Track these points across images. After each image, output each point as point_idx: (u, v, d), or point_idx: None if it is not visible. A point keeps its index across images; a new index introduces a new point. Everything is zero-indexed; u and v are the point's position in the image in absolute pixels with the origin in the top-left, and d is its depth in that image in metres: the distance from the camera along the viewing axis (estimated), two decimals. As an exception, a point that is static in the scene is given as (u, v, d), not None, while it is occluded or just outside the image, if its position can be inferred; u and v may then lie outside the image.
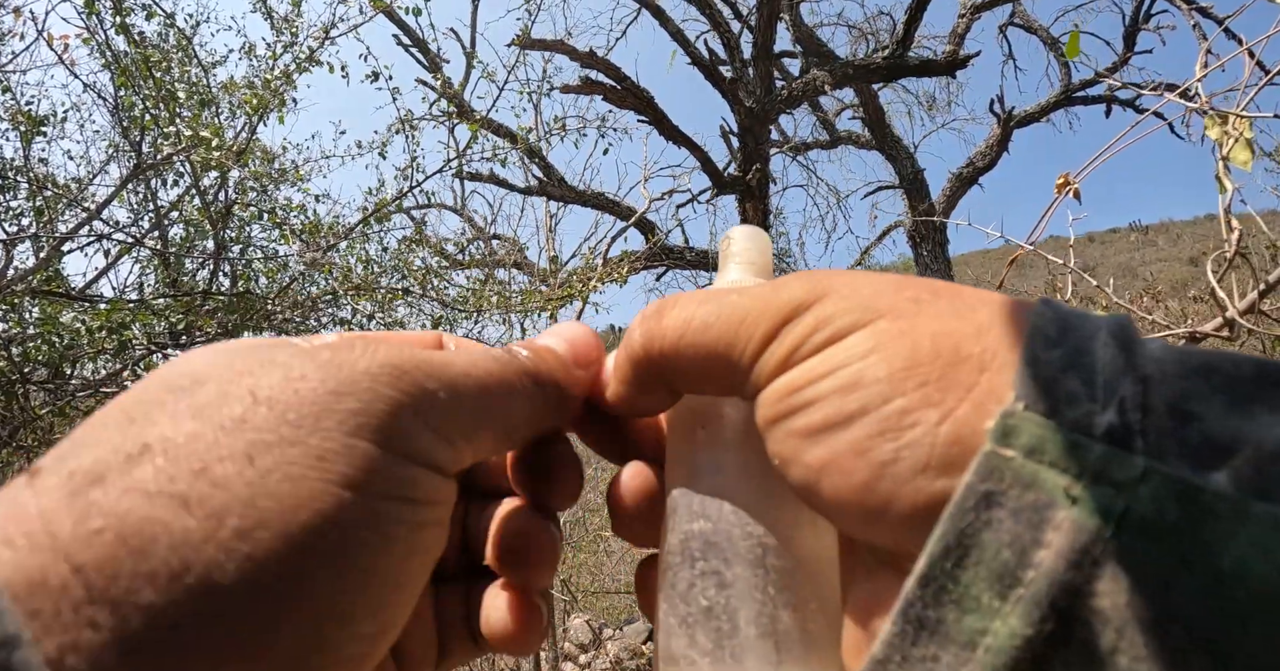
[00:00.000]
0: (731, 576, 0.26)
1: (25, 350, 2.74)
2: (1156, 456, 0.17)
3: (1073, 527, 0.17)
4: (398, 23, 4.99)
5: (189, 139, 2.73)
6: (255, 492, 0.19)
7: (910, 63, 4.29)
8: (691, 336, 0.26)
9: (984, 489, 0.19)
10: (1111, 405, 0.18)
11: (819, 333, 0.23)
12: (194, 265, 3.63)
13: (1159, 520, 0.17)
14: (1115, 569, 0.17)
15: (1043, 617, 0.17)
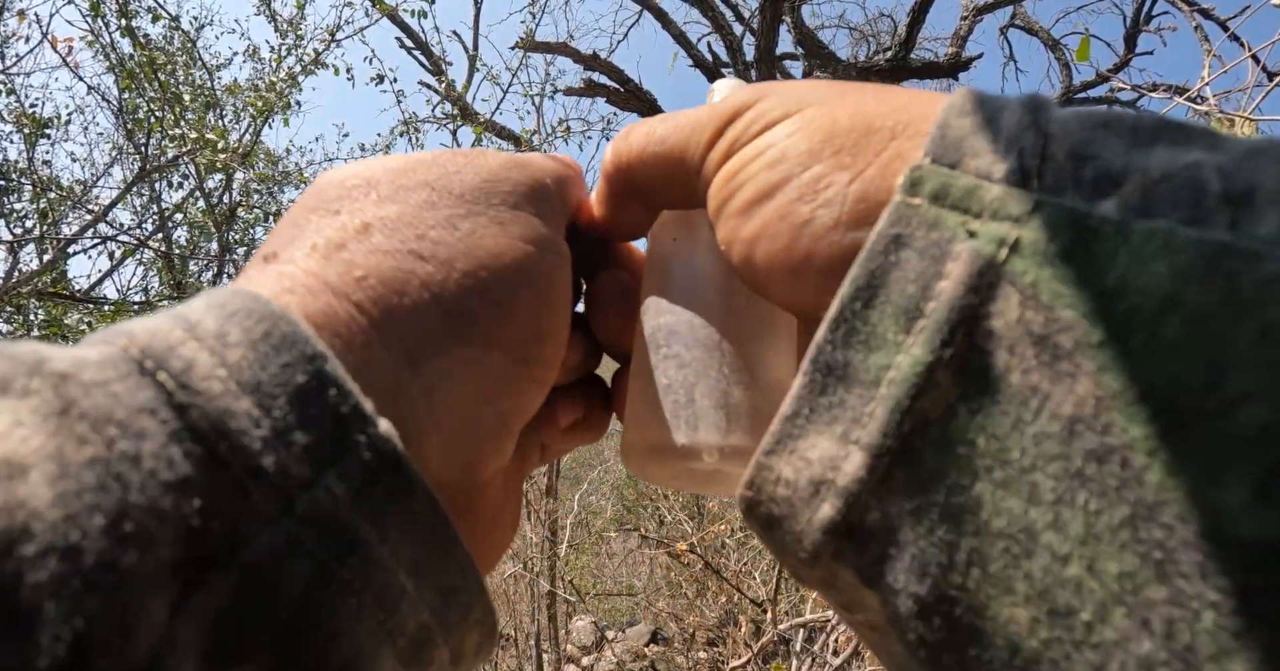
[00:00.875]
0: (690, 358, 0.29)
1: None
2: (1052, 193, 0.18)
3: (970, 257, 0.18)
4: (401, 26, 4.99)
5: (194, 141, 2.73)
6: (469, 246, 0.25)
7: (913, 64, 4.30)
8: (654, 145, 0.29)
9: (893, 233, 0.20)
10: (1012, 154, 0.19)
11: (755, 124, 0.25)
12: (198, 267, 3.64)
13: (1049, 245, 0.18)
14: (1008, 290, 0.18)
15: (943, 343, 0.18)
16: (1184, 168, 0.17)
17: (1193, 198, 0.17)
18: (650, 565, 5.72)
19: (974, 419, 0.18)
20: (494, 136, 3.69)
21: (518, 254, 0.26)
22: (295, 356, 0.19)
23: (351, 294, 0.22)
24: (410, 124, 3.37)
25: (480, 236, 0.26)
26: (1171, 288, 0.16)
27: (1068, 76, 8.55)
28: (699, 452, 0.27)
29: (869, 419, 0.19)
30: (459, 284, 0.24)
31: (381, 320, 0.22)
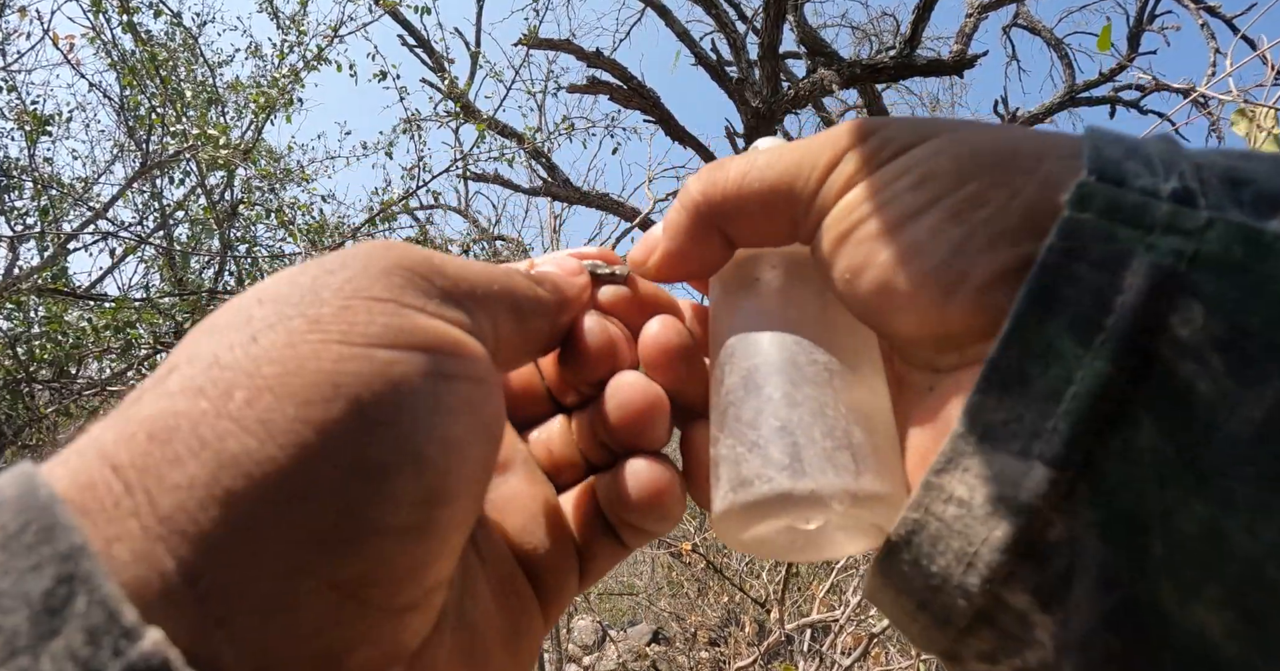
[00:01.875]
0: (801, 396, 0.26)
1: (31, 349, 2.73)
2: (1218, 210, 0.19)
3: (1149, 270, 0.19)
4: (402, 23, 4.98)
5: (195, 137, 2.72)
6: (258, 363, 0.19)
7: (918, 62, 4.29)
8: (756, 174, 0.27)
9: (1065, 246, 0.20)
10: (1173, 176, 0.20)
11: (885, 149, 0.24)
12: (199, 264, 3.62)
13: (1226, 257, 0.18)
14: (1190, 300, 0.18)
15: (1126, 354, 0.18)
16: None
17: None
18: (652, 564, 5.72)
19: (1161, 427, 0.18)
20: (498, 135, 3.68)
21: (321, 364, 0.20)
22: (47, 555, 0.16)
23: (114, 456, 0.18)
24: (413, 121, 3.35)
25: (280, 347, 0.20)
26: None
27: (1070, 76, 8.53)
28: (828, 501, 0.24)
29: (1051, 433, 0.19)
30: (233, 419, 0.18)
31: (136, 482, 0.18)
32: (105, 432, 0.19)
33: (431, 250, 0.25)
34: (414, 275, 0.23)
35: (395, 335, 0.21)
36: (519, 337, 0.27)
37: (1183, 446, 0.18)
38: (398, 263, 0.23)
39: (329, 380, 0.19)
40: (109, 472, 0.18)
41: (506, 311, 0.26)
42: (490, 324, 0.25)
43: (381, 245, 0.24)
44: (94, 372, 3.33)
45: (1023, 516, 0.19)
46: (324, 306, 0.21)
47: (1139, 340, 0.18)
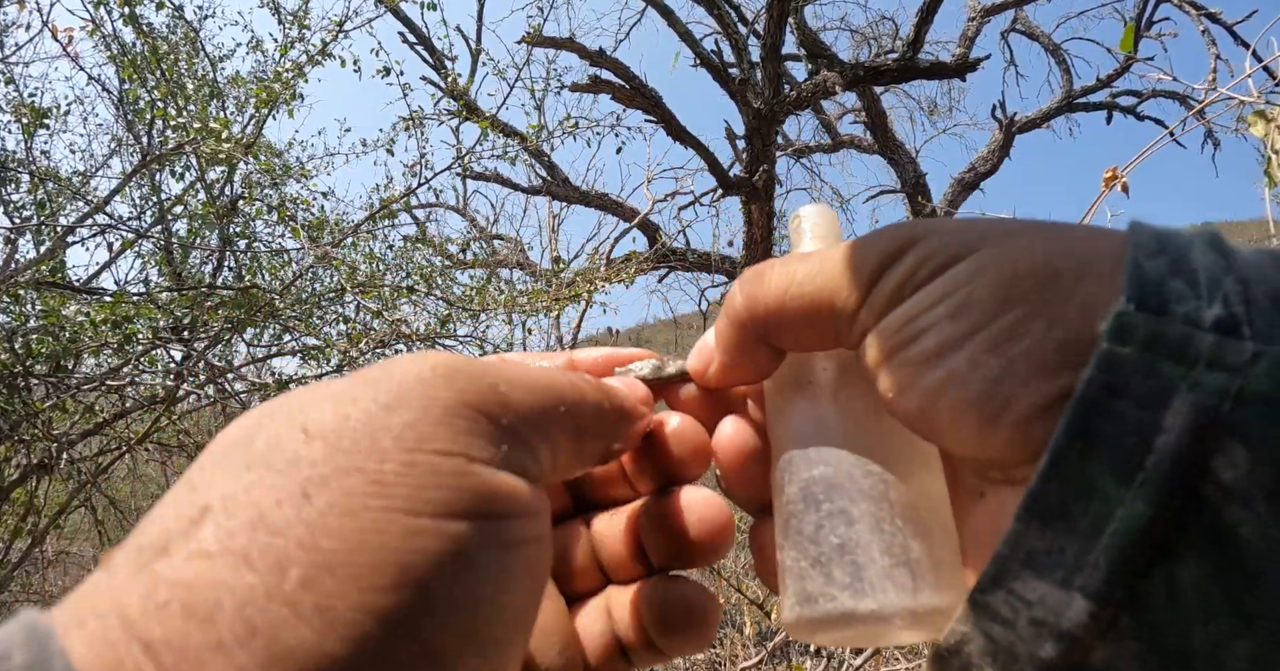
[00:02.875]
0: (858, 512, 0.27)
1: (28, 343, 2.70)
2: (1264, 341, 0.18)
3: (1192, 409, 0.18)
4: (403, 20, 4.97)
5: (197, 131, 2.70)
6: (315, 534, 0.18)
7: (920, 65, 4.29)
8: (796, 289, 0.27)
9: (1105, 380, 0.19)
10: (1216, 301, 0.19)
11: (923, 268, 0.24)
12: (198, 260, 3.60)
13: (1273, 396, 0.18)
14: (1235, 443, 0.18)
15: (1168, 496, 0.18)
16: None
17: None
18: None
19: (1205, 568, 0.18)
20: (500, 134, 3.66)
21: (388, 541, 0.18)
22: None
23: (146, 632, 0.16)
24: (415, 119, 3.33)
25: (337, 515, 0.18)
26: None
27: (1068, 81, 8.57)
28: (890, 618, 0.25)
29: (1091, 568, 0.19)
30: (288, 604, 0.17)
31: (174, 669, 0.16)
32: (127, 590, 0.17)
33: (493, 366, 0.23)
34: (478, 416, 0.21)
35: (465, 502, 0.19)
36: (575, 458, 0.27)
37: (1228, 588, 0.18)
38: (461, 400, 0.21)
39: (396, 561, 0.18)
40: (138, 652, 0.16)
41: (568, 435, 0.25)
42: (550, 454, 0.24)
43: (443, 374, 0.21)
44: (89, 368, 3.30)
45: (1064, 642, 0.19)
46: (386, 461, 0.19)
47: (1181, 481, 0.18)
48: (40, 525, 3.18)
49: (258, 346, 3.74)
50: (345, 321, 3.78)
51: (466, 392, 0.21)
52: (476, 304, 3.82)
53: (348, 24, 2.83)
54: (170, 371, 3.27)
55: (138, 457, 4.11)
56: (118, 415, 3.23)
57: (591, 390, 0.27)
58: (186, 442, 3.80)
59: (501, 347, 4.52)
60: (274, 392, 3.19)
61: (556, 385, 0.25)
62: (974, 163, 7.98)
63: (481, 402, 0.22)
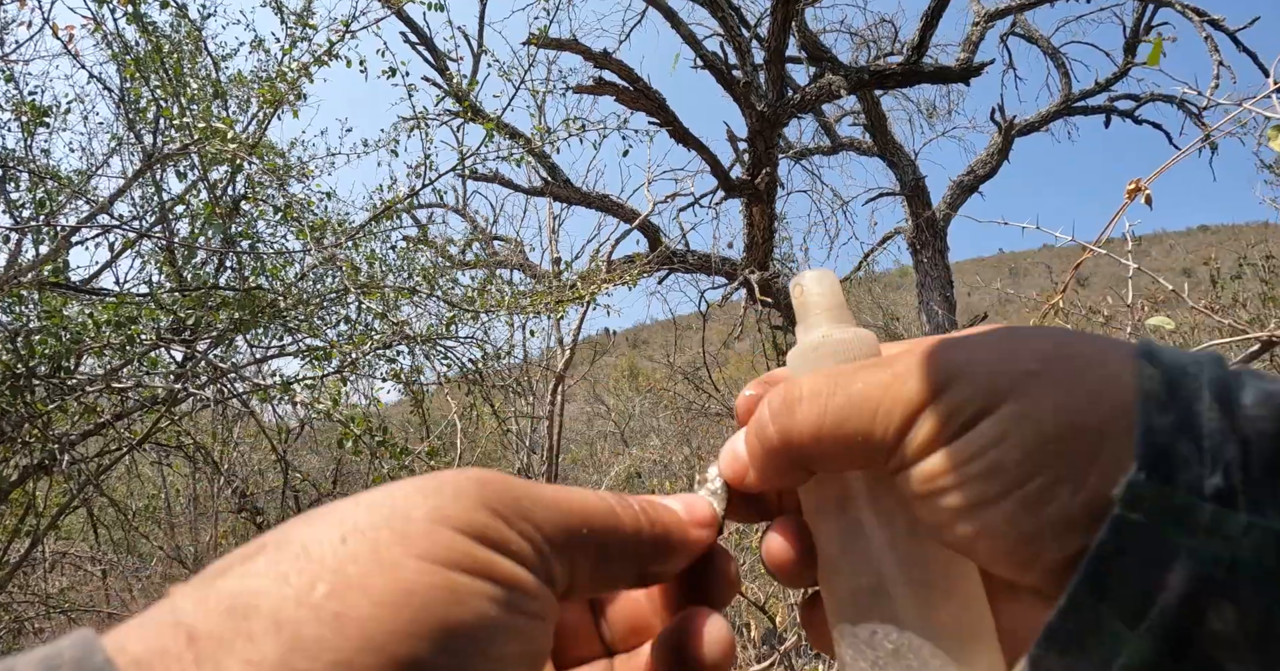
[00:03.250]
0: (908, 618, 0.30)
1: (30, 344, 2.68)
2: (1257, 511, 0.21)
3: (1191, 573, 0.21)
4: (405, 20, 4.95)
5: (201, 131, 2.68)
6: (343, 562, 0.22)
7: (925, 69, 4.29)
8: (829, 429, 0.29)
9: (1116, 544, 0.23)
10: (1218, 470, 0.22)
11: (953, 420, 0.26)
12: (201, 260, 3.58)
13: (1260, 563, 0.21)
14: (1226, 603, 0.21)
15: (1168, 640, 0.22)
16: None
17: None
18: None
19: None
20: (505, 136, 3.65)
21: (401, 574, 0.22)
22: None
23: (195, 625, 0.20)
24: (421, 119, 3.32)
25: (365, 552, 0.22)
26: None
27: (1067, 85, 8.59)
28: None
29: None
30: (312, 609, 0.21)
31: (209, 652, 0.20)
32: (185, 599, 0.21)
33: (525, 485, 0.27)
34: (499, 518, 0.25)
35: (469, 563, 0.23)
36: (598, 578, 0.29)
37: None
38: (486, 502, 0.25)
39: (406, 587, 0.22)
40: (183, 640, 0.20)
41: (590, 557, 0.28)
42: (566, 568, 0.27)
43: (477, 479, 0.26)
44: (88, 368, 3.28)
45: None
46: (411, 524, 0.23)
47: (1179, 628, 0.22)
48: (40, 526, 3.16)
49: (259, 347, 3.73)
50: (347, 322, 3.76)
51: (491, 499, 0.25)
52: (478, 305, 3.81)
53: (354, 24, 2.81)
54: (172, 372, 3.26)
55: (137, 458, 4.09)
56: (118, 416, 3.21)
57: (630, 517, 0.29)
58: (186, 443, 3.78)
59: (503, 349, 4.51)
60: (277, 394, 3.17)
61: (586, 509, 0.28)
62: (973, 165, 7.99)
63: (503, 508, 0.25)
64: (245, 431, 4.71)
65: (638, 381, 11.12)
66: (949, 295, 7.53)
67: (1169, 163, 1.02)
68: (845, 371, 0.30)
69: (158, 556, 4.58)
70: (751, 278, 5.00)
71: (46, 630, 3.72)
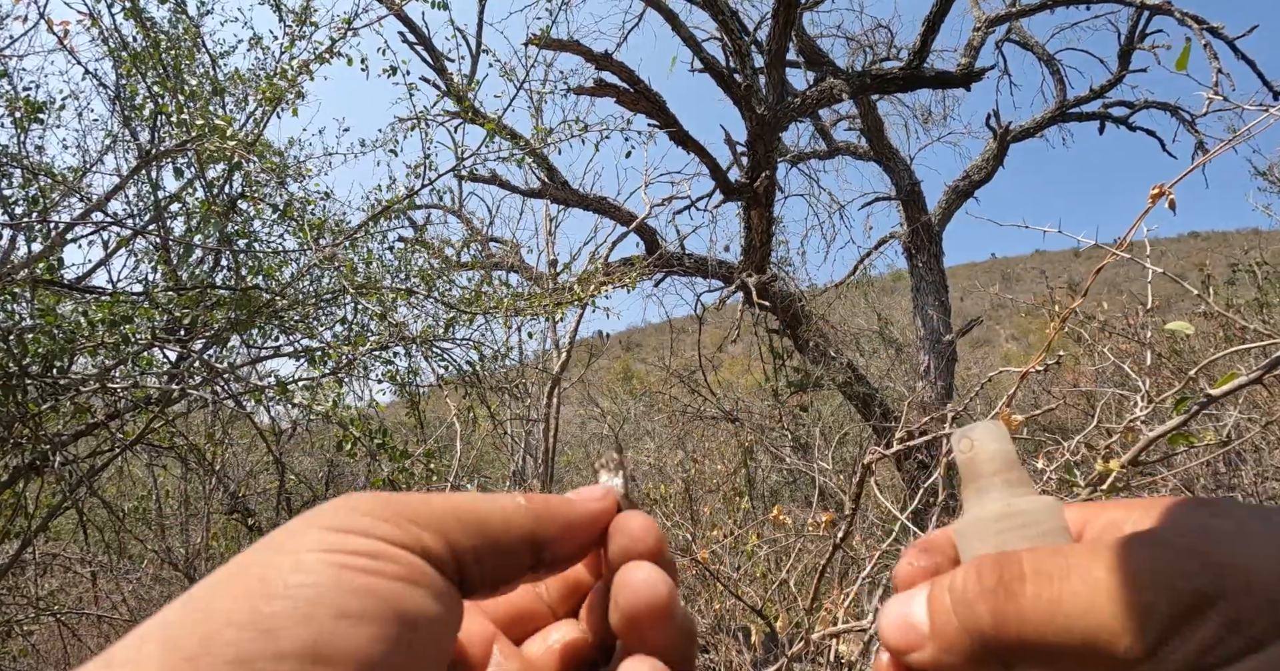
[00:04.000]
0: None
1: (23, 342, 2.64)
2: None
3: None
4: (405, 20, 4.92)
5: (199, 128, 2.65)
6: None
7: (926, 74, 4.29)
8: (1063, 622, 0.24)
9: None
10: None
11: (1232, 637, 0.22)
12: (196, 259, 3.54)
13: None
14: None
15: None
16: None
17: None
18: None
19: None
20: (505, 137, 3.63)
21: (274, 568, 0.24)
22: None
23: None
24: (420, 119, 3.30)
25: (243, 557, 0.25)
26: None
27: (1062, 91, 8.63)
28: None
29: None
30: None
31: None
32: None
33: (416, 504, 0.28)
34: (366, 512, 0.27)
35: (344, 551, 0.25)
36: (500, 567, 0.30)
37: None
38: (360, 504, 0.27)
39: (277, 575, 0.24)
40: None
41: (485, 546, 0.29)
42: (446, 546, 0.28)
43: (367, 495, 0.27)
44: (80, 367, 3.24)
45: None
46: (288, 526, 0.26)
47: None
48: (31, 527, 3.12)
49: (255, 347, 3.69)
50: (343, 322, 3.73)
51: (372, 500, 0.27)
52: (476, 307, 3.78)
53: (356, 22, 2.79)
54: (166, 373, 3.22)
55: (129, 459, 4.04)
56: (111, 416, 3.18)
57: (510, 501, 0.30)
58: (179, 444, 3.75)
59: (500, 351, 4.49)
60: (273, 395, 3.14)
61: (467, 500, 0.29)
62: (968, 170, 8.02)
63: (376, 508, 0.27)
64: (239, 432, 4.67)
65: (632, 384, 11.10)
66: (943, 299, 7.55)
67: (1197, 164, 1.02)
68: (1075, 550, 0.25)
69: (148, 558, 4.53)
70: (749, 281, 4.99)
71: (35, 632, 3.67)
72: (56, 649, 3.73)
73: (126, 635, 0.23)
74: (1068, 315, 1.10)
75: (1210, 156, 1.03)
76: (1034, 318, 9.06)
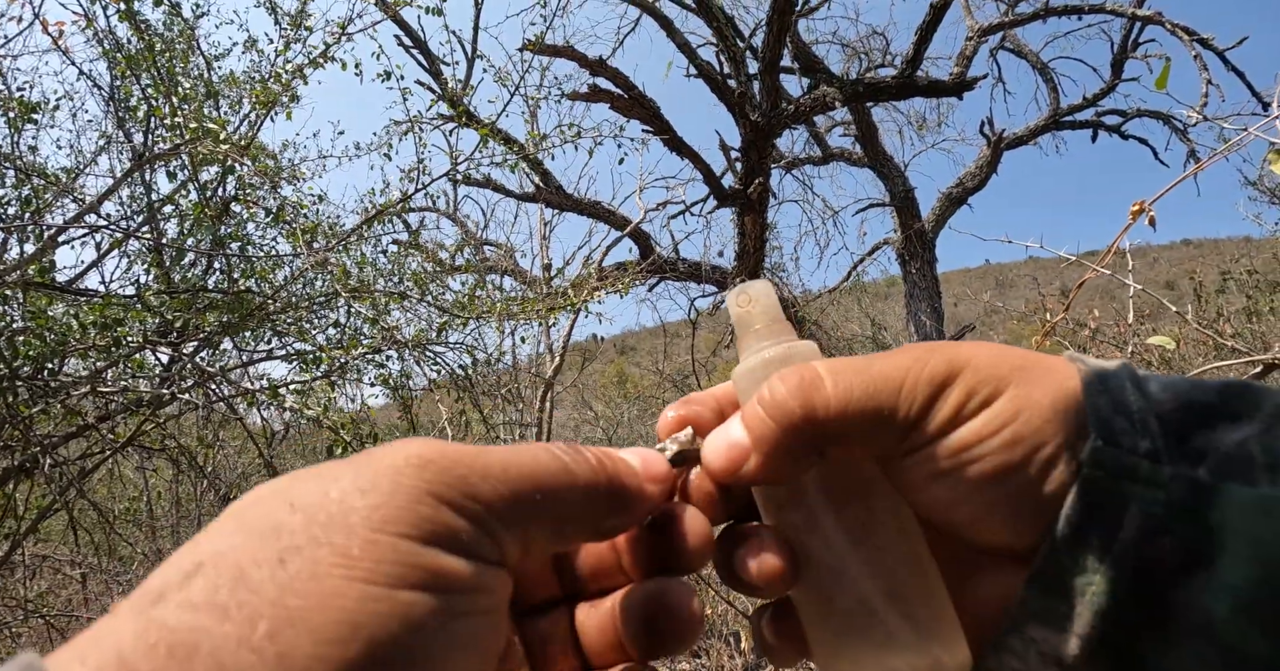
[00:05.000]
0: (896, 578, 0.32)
1: (14, 344, 2.63)
2: (1174, 464, 0.28)
3: (1141, 514, 0.28)
4: (400, 24, 4.93)
5: (193, 131, 2.66)
6: (284, 593, 0.21)
7: (919, 82, 4.32)
8: (857, 404, 0.31)
9: (1088, 499, 0.29)
10: (1146, 436, 0.29)
11: (973, 398, 0.31)
12: (189, 262, 3.54)
13: (1183, 502, 0.28)
14: (1164, 535, 0.28)
15: (1125, 570, 0.28)
16: (1238, 445, 0.28)
17: (1246, 466, 0.28)
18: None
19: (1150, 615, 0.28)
20: (500, 142, 3.64)
21: (344, 604, 0.21)
22: None
23: (135, 666, 0.19)
24: (415, 124, 3.31)
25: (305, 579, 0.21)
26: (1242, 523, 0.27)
27: (1055, 100, 8.68)
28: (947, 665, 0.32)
29: (1079, 617, 0.29)
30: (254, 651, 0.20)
31: None
32: (125, 629, 0.20)
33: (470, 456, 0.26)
34: (443, 505, 0.24)
35: (416, 577, 0.22)
36: (554, 539, 0.29)
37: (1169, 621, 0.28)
38: (427, 489, 0.24)
39: (349, 619, 0.21)
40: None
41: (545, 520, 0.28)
42: (520, 537, 0.27)
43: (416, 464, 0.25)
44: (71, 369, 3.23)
45: (1063, 668, 0.30)
46: (352, 537, 0.22)
47: (1136, 558, 0.28)
48: (21, 528, 3.11)
49: (246, 350, 3.69)
50: (336, 326, 3.73)
51: (434, 483, 0.24)
52: (470, 311, 3.79)
53: (350, 27, 2.80)
54: (157, 375, 3.21)
55: (119, 461, 4.03)
56: (102, 418, 3.17)
57: (586, 474, 0.29)
58: (170, 446, 3.74)
59: (493, 355, 4.49)
60: (264, 398, 3.14)
61: (537, 473, 0.27)
62: (962, 178, 8.06)
63: (446, 492, 0.24)
64: (230, 435, 4.66)
65: (626, 388, 11.10)
66: (937, 306, 7.57)
67: (1179, 180, 1.03)
68: (852, 359, 0.33)
69: (139, 560, 4.51)
70: (743, 286, 5.00)
71: (24, 634, 3.65)
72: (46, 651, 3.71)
73: None
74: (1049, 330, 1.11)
75: (1194, 171, 1.04)
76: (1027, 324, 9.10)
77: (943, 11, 4.53)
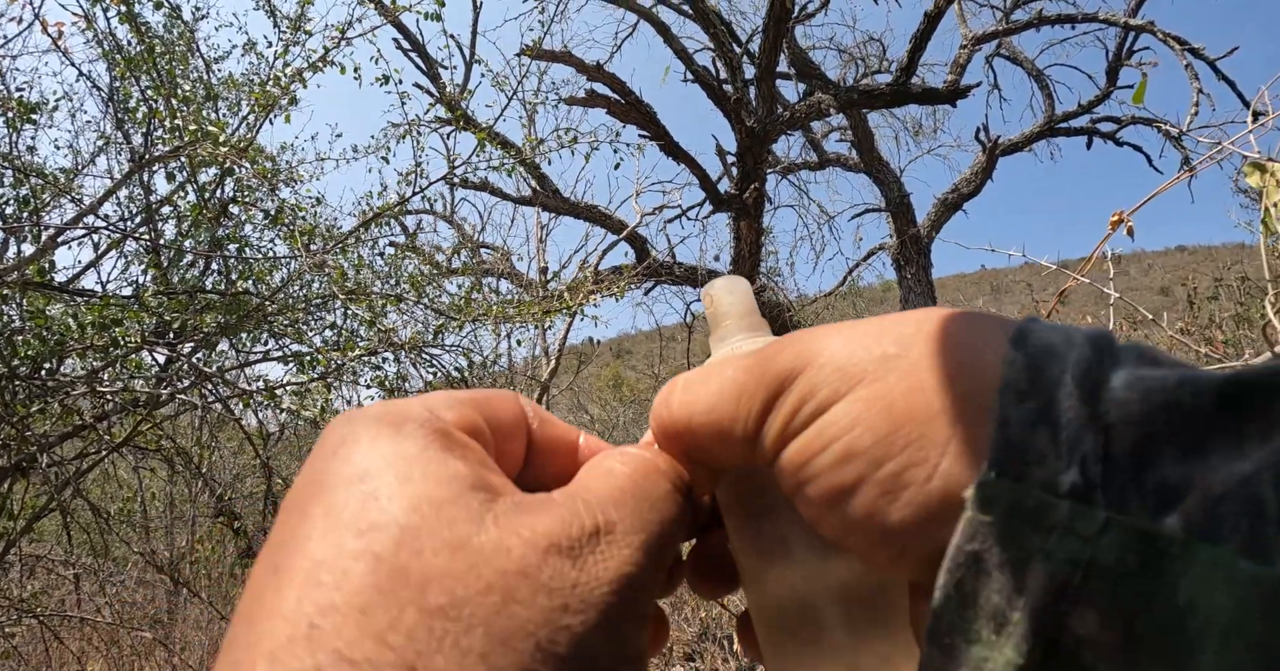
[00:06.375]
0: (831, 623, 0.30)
1: (12, 344, 2.65)
2: (1117, 506, 0.19)
3: (1047, 577, 0.20)
4: (399, 27, 4.96)
5: (192, 134, 2.67)
6: None
7: (914, 90, 4.36)
8: (700, 418, 0.28)
9: (970, 549, 0.21)
10: (1075, 462, 0.20)
11: (806, 405, 0.25)
12: (187, 263, 3.55)
13: (1120, 566, 0.19)
14: (1086, 607, 0.19)
15: (1030, 648, 0.20)
16: (1240, 483, 0.18)
17: (1251, 523, 0.18)
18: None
19: None
20: (499, 146, 3.67)
21: None
22: None
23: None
24: (413, 127, 3.33)
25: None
26: (1235, 618, 0.18)
27: (1050, 106, 8.73)
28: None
29: None
30: None
31: None
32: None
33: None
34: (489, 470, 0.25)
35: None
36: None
37: None
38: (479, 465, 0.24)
39: None
40: None
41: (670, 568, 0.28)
42: None
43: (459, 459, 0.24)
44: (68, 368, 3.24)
45: None
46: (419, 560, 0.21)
47: (1042, 633, 0.20)
48: (16, 528, 3.11)
49: (243, 351, 3.70)
50: (332, 328, 3.75)
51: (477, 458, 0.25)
52: (465, 313, 3.80)
53: (350, 31, 2.82)
54: (154, 376, 3.23)
55: (115, 461, 4.03)
56: (98, 418, 3.18)
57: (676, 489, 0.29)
58: (166, 447, 3.74)
59: (489, 358, 4.51)
60: (262, 399, 3.15)
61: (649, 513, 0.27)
62: (957, 183, 8.10)
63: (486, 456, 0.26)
64: (226, 435, 4.66)
65: (622, 391, 11.11)
66: (932, 311, 7.59)
67: (1154, 193, 1.05)
68: (725, 361, 0.29)
69: (133, 561, 4.51)
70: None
71: (17, 634, 3.65)
72: (38, 651, 3.71)
73: None
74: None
75: (1169, 184, 1.07)
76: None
77: (936, 19, 4.57)
